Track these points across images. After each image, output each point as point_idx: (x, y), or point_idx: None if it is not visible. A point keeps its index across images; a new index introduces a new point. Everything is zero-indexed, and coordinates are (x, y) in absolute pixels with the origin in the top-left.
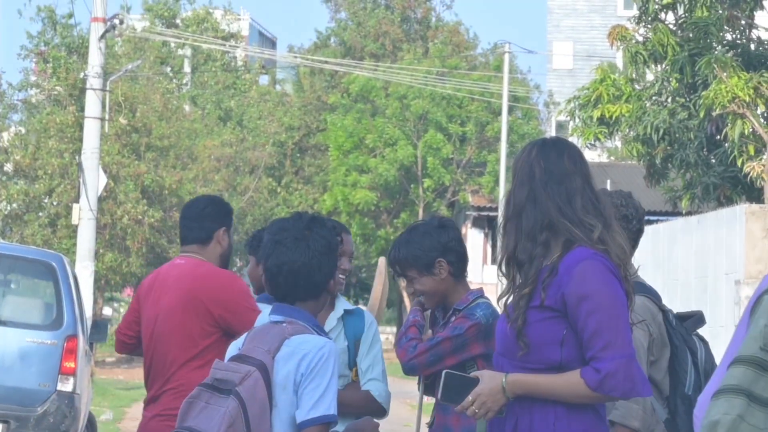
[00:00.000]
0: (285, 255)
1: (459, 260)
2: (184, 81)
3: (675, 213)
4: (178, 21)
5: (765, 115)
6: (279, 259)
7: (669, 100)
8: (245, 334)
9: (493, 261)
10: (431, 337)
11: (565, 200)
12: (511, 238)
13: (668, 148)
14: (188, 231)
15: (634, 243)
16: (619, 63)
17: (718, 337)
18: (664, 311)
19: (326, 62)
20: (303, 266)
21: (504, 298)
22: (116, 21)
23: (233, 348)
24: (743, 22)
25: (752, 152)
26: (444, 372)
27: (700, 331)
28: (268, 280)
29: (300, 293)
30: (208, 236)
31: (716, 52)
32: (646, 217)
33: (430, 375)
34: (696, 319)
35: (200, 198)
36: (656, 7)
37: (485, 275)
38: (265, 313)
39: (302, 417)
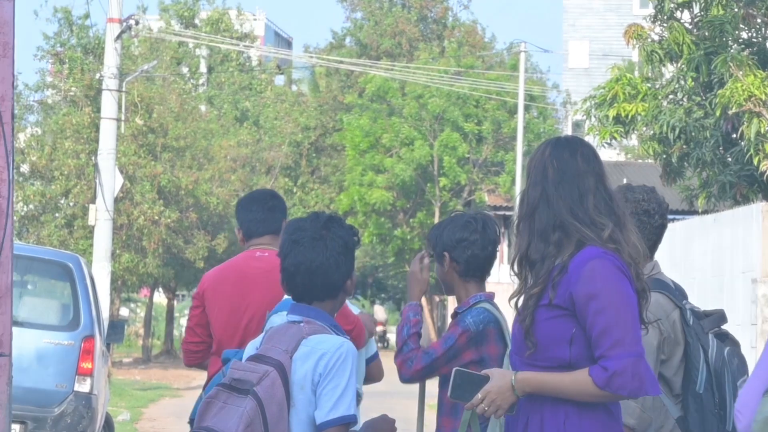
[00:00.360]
0: (302, 254)
1: (466, 261)
2: (201, 81)
3: (691, 212)
4: (197, 21)
5: None
6: (296, 259)
7: (685, 98)
8: (263, 334)
9: (509, 260)
10: (428, 351)
11: (577, 200)
12: (524, 238)
13: (684, 146)
14: (260, 224)
15: (657, 238)
16: (636, 61)
17: (737, 334)
18: (682, 308)
19: (342, 62)
20: (320, 266)
21: (515, 299)
22: (132, 22)
23: (251, 347)
24: (759, 20)
25: None
26: (454, 369)
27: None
28: (285, 280)
29: (317, 293)
30: (278, 227)
31: (732, 51)
32: None
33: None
34: (716, 317)
35: (259, 191)
36: (672, 5)
37: (501, 274)
38: (282, 314)
39: (322, 418)
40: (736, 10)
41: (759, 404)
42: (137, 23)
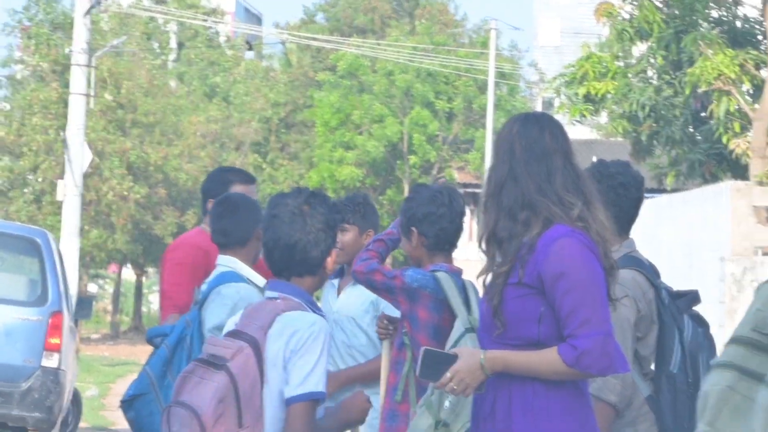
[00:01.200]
0: (281, 229)
1: (435, 235)
2: (171, 57)
3: (660, 190)
4: None
5: (750, 92)
6: (275, 234)
7: (655, 77)
8: (243, 310)
9: (478, 238)
10: (374, 263)
11: (545, 178)
12: (492, 216)
13: (654, 125)
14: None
15: (635, 212)
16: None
17: (704, 312)
18: (657, 287)
19: (314, 39)
20: (299, 241)
21: (483, 276)
22: None
23: (230, 324)
24: None
25: (738, 129)
26: (423, 349)
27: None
28: (265, 255)
29: (296, 269)
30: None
31: (702, 29)
32: None
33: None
34: (690, 297)
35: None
36: None
37: (469, 252)
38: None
39: (290, 393)
40: None
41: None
42: None
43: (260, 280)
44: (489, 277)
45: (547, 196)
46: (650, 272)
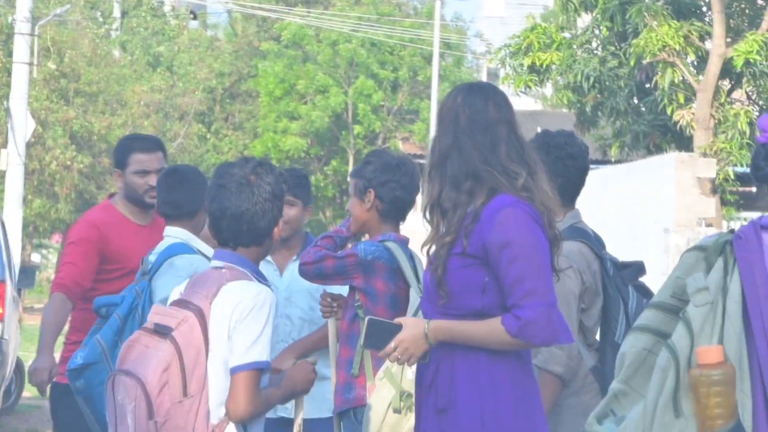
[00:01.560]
0: (228, 200)
1: (391, 203)
2: (114, 26)
3: (605, 161)
4: None
5: (695, 63)
6: (222, 204)
7: (599, 48)
8: (188, 280)
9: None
10: (322, 252)
11: (490, 148)
12: (436, 185)
13: (598, 96)
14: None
15: (581, 182)
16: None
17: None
18: (602, 259)
19: (259, 8)
20: (246, 212)
21: (427, 246)
22: None
23: (176, 293)
24: None
25: (682, 100)
26: (367, 318)
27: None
28: (212, 224)
29: (243, 239)
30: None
31: (647, 1)
32: None
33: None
34: (636, 268)
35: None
36: None
37: (415, 223)
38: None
39: (234, 363)
40: None
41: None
42: None
43: (210, 252)
44: (433, 248)
45: (491, 166)
46: (595, 243)
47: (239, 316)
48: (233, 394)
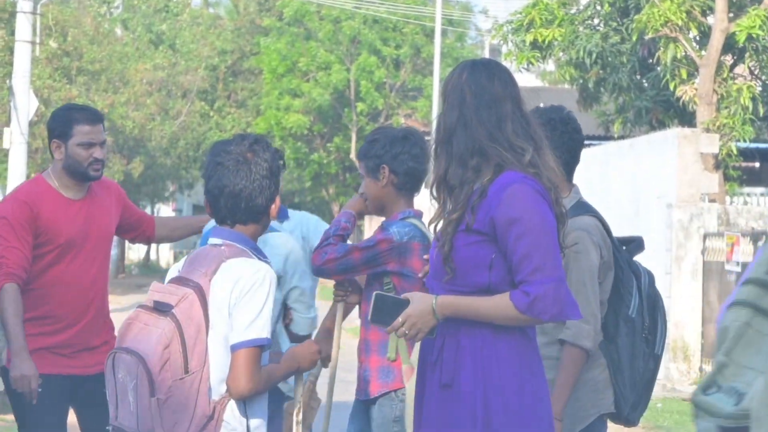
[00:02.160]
0: (226, 177)
1: (406, 174)
2: (116, 4)
3: (607, 137)
4: None
5: (697, 38)
6: (220, 182)
7: (601, 24)
8: (186, 257)
9: (426, 185)
10: (343, 245)
11: (496, 125)
12: (442, 162)
13: (601, 72)
14: None
15: (576, 154)
16: None
17: (651, 259)
18: (609, 233)
19: None
20: (244, 189)
21: (434, 223)
22: None
23: (173, 270)
24: None
25: (684, 76)
26: (375, 294)
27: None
28: (210, 202)
29: (241, 216)
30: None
31: None
32: None
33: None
34: (636, 244)
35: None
36: None
37: (420, 199)
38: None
39: (234, 339)
40: None
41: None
42: None
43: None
44: (440, 224)
45: (498, 143)
46: (601, 219)
47: (239, 293)
48: (234, 371)
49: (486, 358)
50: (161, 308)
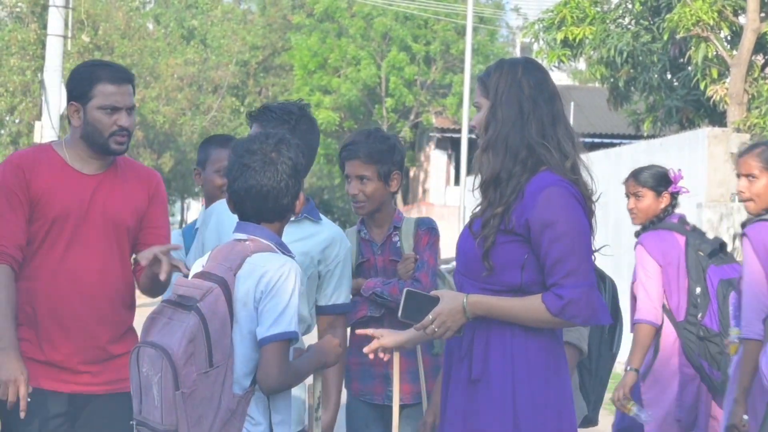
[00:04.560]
0: (253, 178)
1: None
2: None
3: (637, 136)
4: None
5: (728, 38)
6: (247, 183)
7: (633, 22)
8: (210, 252)
9: (456, 182)
10: (418, 275)
11: (551, 122)
12: (498, 157)
13: (631, 71)
14: None
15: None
16: None
17: None
18: None
19: None
20: (272, 190)
21: (475, 219)
22: None
23: (197, 265)
24: None
25: (715, 75)
26: (405, 290)
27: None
28: (236, 203)
29: (266, 215)
30: None
31: None
32: (609, 140)
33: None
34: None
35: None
36: None
37: (448, 197)
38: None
39: (262, 334)
40: None
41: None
42: None
43: None
44: (479, 219)
45: (549, 141)
46: None
47: (265, 288)
48: (263, 365)
49: (516, 355)
50: (186, 303)
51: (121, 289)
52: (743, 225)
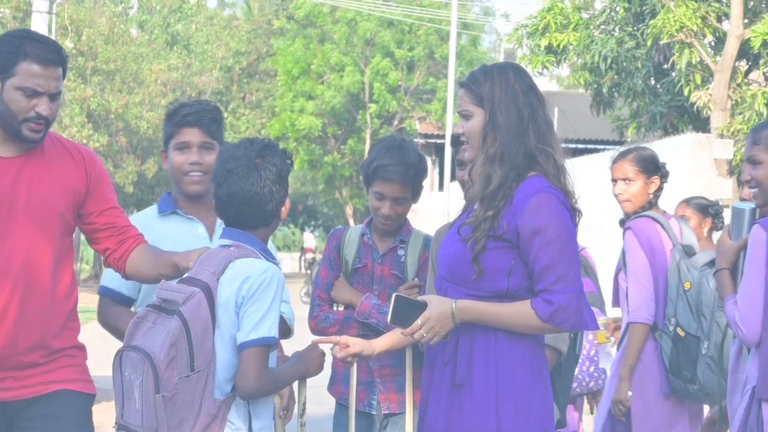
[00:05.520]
0: (236, 184)
1: None
2: (131, 4)
3: (621, 142)
4: None
5: (712, 44)
6: (231, 189)
7: (616, 29)
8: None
9: (440, 188)
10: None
11: (546, 130)
12: (504, 167)
13: (615, 76)
14: None
15: None
16: None
17: None
18: None
19: None
20: (255, 196)
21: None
22: None
23: None
24: None
25: (699, 81)
26: (394, 295)
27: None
28: (221, 209)
29: (251, 221)
30: None
31: None
32: (593, 146)
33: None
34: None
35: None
36: None
37: (432, 203)
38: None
39: (242, 339)
40: None
41: None
42: None
43: None
44: (468, 223)
45: (549, 146)
46: None
47: (247, 293)
48: (242, 370)
49: (500, 359)
50: (168, 307)
51: (53, 281)
52: (622, 222)
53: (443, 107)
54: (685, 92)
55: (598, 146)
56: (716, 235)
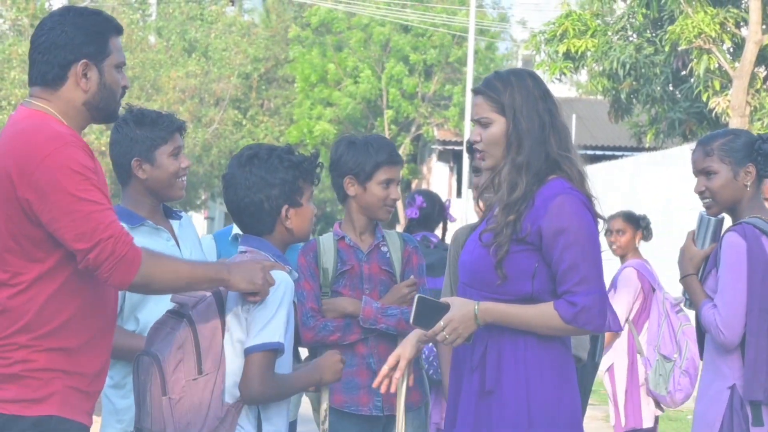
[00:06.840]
0: (227, 195)
1: None
2: (149, 12)
3: (640, 148)
4: None
5: (730, 50)
6: (227, 198)
7: (635, 35)
8: None
9: (458, 194)
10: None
11: (566, 133)
12: (530, 174)
13: (634, 83)
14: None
15: None
16: None
17: None
18: None
19: None
20: (248, 205)
21: (484, 229)
22: None
23: None
24: None
25: (717, 87)
26: (417, 296)
27: None
28: (231, 213)
29: (256, 227)
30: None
31: None
32: (611, 152)
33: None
34: None
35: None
36: None
37: (451, 209)
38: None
39: (248, 343)
40: None
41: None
42: None
43: None
44: (490, 228)
45: (570, 152)
46: None
47: None
48: (246, 375)
49: (529, 366)
50: (180, 311)
51: None
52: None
53: (459, 113)
54: (704, 98)
55: (616, 153)
56: (644, 246)
